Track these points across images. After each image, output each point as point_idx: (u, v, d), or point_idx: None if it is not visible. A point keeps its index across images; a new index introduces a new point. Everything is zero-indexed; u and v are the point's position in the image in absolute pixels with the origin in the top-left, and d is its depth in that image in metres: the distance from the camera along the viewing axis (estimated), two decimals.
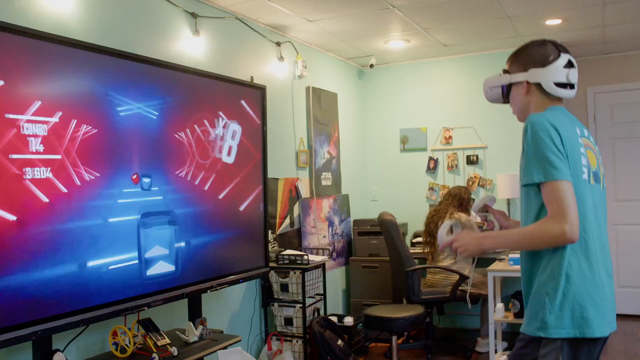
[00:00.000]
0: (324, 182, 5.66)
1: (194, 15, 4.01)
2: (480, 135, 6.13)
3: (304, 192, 5.31)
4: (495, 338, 4.68)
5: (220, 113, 3.74)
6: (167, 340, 3.14)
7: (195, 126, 3.52)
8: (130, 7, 3.54)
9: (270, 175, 4.55)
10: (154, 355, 3.01)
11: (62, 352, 2.77)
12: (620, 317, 6.18)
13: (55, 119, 2.66)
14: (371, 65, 6.29)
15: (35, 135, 2.56)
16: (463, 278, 4.91)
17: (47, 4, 2.98)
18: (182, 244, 3.40)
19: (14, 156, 2.47)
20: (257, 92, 4.14)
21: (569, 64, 2.09)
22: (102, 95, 2.92)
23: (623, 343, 5.36)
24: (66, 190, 2.70)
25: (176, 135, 3.38)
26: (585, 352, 1.90)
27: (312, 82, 5.50)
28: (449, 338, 5.68)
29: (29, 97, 2.56)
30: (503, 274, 4.64)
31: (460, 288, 4.97)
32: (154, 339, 3.09)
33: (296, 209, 5.17)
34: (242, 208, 3.92)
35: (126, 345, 3.04)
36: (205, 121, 3.61)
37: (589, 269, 1.91)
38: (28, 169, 2.53)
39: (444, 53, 6.15)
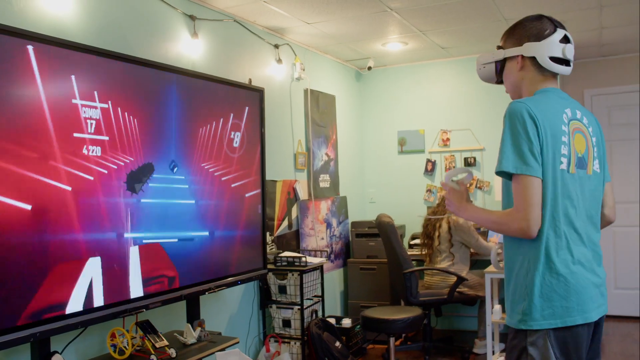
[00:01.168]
0: (322, 184, 5.67)
1: (192, 17, 4.02)
2: (477, 137, 6.15)
3: (302, 194, 5.32)
4: (493, 340, 4.69)
5: (219, 115, 3.75)
6: (166, 342, 3.14)
7: (193, 129, 3.53)
8: (129, 10, 3.54)
9: (268, 177, 4.56)
10: (152, 357, 3.01)
11: (61, 354, 2.78)
12: (617, 318, 6.20)
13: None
14: (369, 68, 6.30)
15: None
16: (460, 280, 4.92)
17: (46, 6, 2.99)
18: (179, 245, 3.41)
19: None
20: (255, 95, 4.15)
21: (565, 39, 2.07)
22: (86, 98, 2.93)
23: (620, 345, 5.37)
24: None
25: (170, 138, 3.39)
26: (574, 337, 1.91)
27: (310, 85, 5.51)
28: (446, 340, 5.68)
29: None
30: (500, 275, 4.65)
31: (457, 289, 4.99)
32: (152, 340, 3.09)
33: (294, 211, 5.18)
34: (240, 210, 3.93)
35: (124, 347, 3.04)
36: (203, 123, 3.61)
37: (565, 258, 1.91)
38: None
39: (441, 55, 6.17)
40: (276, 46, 5.01)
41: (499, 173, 1.94)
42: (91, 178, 2.86)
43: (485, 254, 5.20)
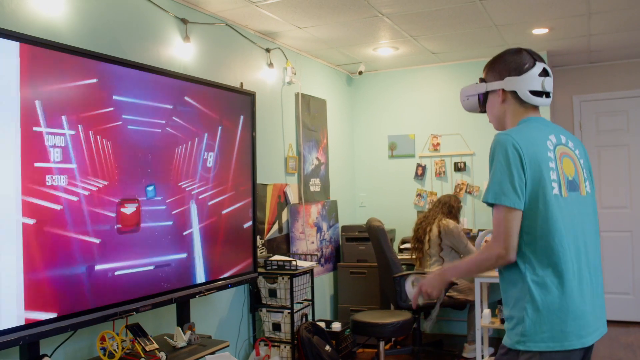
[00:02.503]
0: (312, 188, 5.68)
1: (184, 21, 4.02)
2: (467, 142, 6.18)
3: (293, 198, 5.32)
4: (482, 344, 4.71)
5: (210, 119, 3.75)
6: (156, 346, 3.14)
7: (184, 132, 3.53)
8: (121, 13, 3.54)
9: (259, 181, 4.57)
10: None
11: (50, 357, 2.77)
12: None
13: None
14: (360, 72, 6.33)
15: None
16: (450, 284, 4.94)
17: (38, 9, 2.99)
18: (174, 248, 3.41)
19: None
20: (246, 98, 4.16)
21: (544, 72, 2.11)
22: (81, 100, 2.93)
23: (608, 349, 5.41)
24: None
25: (164, 141, 3.39)
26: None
27: (301, 89, 5.53)
28: (436, 344, 5.70)
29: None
30: (490, 280, 4.68)
31: (447, 294, 5.00)
32: (142, 344, 3.09)
33: (285, 215, 5.18)
34: (230, 213, 3.93)
35: (114, 350, 3.04)
36: (195, 127, 3.61)
37: (560, 283, 1.93)
38: None
39: (432, 60, 6.20)
40: (268, 50, 5.02)
41: (485, 202, 2.01)
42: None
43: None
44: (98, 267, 2.94)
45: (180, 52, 4.00)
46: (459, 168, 6.19)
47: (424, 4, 4.33)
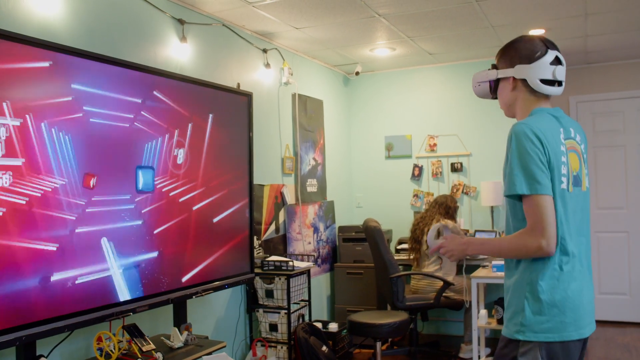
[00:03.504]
0: (309, 189, 5.68)
1: (181, 21, 4.02)
2: (464, 143, 6.19)
3: (290, 198, 5.32)
4: (479, 344, 4.72)
5: (207, 119, 3.75)
6: (152, 346, 3.14)
7: (181, 132, 3.53)
8: (118, 13, 3.54)
9: (255, 181, 4.57)
10: None
11: (46, 357, 2.76)
12: (601, 323, 6.25)
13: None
14: (357, 73, 6.33)
15: None
16: (447, 284, 4.94)
17: (34, 9, 2.98)
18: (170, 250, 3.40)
19: None
20: (243, 99, 4.16)
21: (556, 61, 2.09)
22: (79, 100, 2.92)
23: (604, 349, 5.42)
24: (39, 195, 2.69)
25: (159, 142, 3.38)
26: (565, 351, 1.93)
27: (298, 89, 5.53)
28: (432, 344, 5.71)
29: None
30: (486, 280, 4.69)
31: (444, 294, 5.01)
32: (138, 344, 3.08)
33: (281, 215, 5.18)
34: (227, 214, 3.92)
35: (111, 350, 3.03)
36: (192, 127, 3.61)
37: (565, 275, 1.94)
38: None
39: (429, 61, 6.21)
40: (264, 51, 5.02)
41: (510, 196, 1.96)
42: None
43: (472, 257, 5.23)
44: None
45: (177, 53, 4.00)
46: (455, 169, 6.19)
47: (421, 4, 4.34)
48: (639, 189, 6.32)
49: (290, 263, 4.52)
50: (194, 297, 3.58)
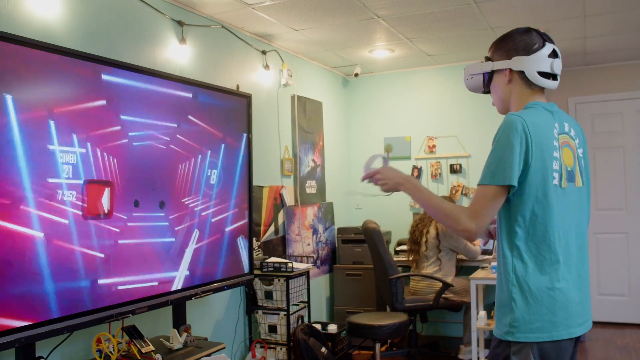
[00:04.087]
0: (308, 190, 5.68)
1: (180, 23, 4.02)
2: (463, 144, 6.20)
3: (289, 200, 5.33)
4: (478, 345, 4.73)
5: (206, 121, 3.75)
6: (152, 348, 3.14)
7: (179, 134, 3.53)
8: (117, 15, 3.55)
9: (255, 183, 4.57)
10: None
11: (46, 359, 2.76)
12: (600, 324, 6.26)
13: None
14: (356, 74, 6.33)
15: None
16: (446, 286, 4.94)
17: (34, 11, 2.99)
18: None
19: None
20: (242, 101, 4.16)
21: (554, 54, 2.07)
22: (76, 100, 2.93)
23: (603, 350, 5.42)
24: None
25: (158, 144, 3.39)
26: (556, 351, 1.92)
27: (297, 91, 5.53)
28: (432, 346, 5.71)
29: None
30: (485, 282, 4.69)
31: (443, 296, 5.01)
32: (138, 346, 3.09)
33: (281, 217, 5.19)
34: (226, 215, 3.93)
35: (110, 352, 3.03)
36: (190, 128, 3.62)
37: (548, 272, 1.92)
38: None
39: (428, 63, 6.22)
40: (264, 52, 5.02)
41: (480, 183, 1.95)
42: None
43: (473, 258, 5.24)
44: (101, 282, 2.97)
45: (176, 55, 4.00)
46: (454, 170, 6.20)
47: (420, 6, 4.35)
48: (638, 190, 6.33)
49: (290, 264, 4.52)
50: (193, 298, 3.59)
